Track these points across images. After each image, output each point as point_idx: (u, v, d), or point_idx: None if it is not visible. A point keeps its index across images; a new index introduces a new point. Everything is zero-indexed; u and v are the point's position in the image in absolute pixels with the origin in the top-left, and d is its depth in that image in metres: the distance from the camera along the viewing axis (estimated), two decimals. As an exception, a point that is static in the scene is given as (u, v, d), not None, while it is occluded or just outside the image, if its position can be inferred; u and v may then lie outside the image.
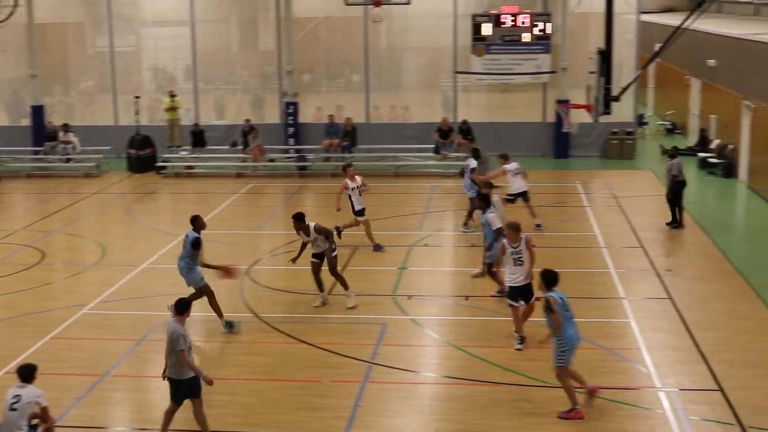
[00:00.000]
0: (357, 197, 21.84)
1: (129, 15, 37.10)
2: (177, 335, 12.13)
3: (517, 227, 15.79)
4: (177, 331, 12.16)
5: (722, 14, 43.65)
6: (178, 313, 12.50)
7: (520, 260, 15.57)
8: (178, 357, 12.15)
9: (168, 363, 12.36)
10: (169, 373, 12.40)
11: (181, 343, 12.11)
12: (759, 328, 16.41)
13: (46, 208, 27.67)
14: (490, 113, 35.47)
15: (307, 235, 17.97)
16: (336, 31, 36.33)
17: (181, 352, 12.10)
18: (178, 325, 12.30)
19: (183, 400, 12.55)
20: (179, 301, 12.66)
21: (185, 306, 12.60)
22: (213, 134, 34.52)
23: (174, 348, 12.15)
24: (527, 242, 15.62)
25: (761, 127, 27.01)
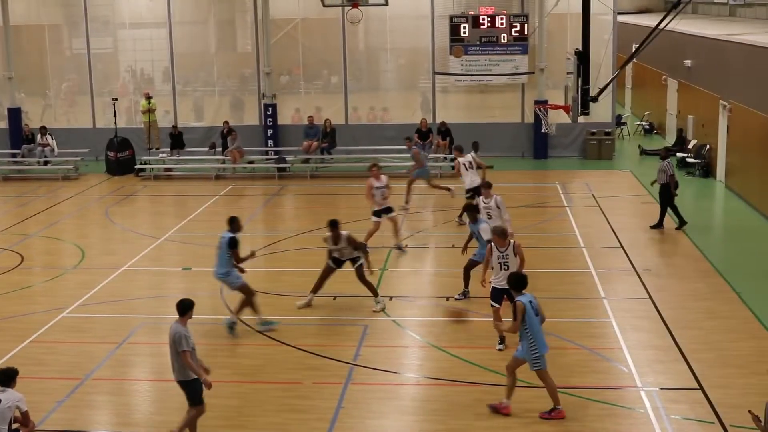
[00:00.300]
0: (380, 198, 21.66)
1: (106, 17, 36.94)
2: (179, 336, 12.02)
3: (503, 232, 15.83)
4: (179, 332, 12.06)
5: (698, 15, 43.92)
6: (180, 314, 12.36)
7: (506, 265, 15.59)
8: (181, 358, 12.03)
9: (174, 366, 12.23)
10: (177, 377, 12.26)
11: (183, 343, 12.00)
12: (738, 327, 16.51)
13: (23, 211, 27.52)
14: (468, 114, 35.57)
15: (335, 243, 17.69)
16: (314, 32, 36.31)
17: (184, 353, 11.99)
18: (179, 326, 12.19)
19: (202, 399, 12.37)
20: (181, 302, 12.51)
21: (187, 307, 12.45)
22: (192, 136, 34.47)
23: (176, 349, 12.04)
24: (515, 247, 15.63)
25: (738, 127, 27.20)
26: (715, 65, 30.04)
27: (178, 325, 12.21)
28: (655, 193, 24.21)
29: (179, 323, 12.25)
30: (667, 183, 23.18)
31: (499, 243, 15.64)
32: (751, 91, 26.00)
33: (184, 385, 12.29)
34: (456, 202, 24.85)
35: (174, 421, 13.29)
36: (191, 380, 12.19)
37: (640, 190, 28.22)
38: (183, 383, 12.29)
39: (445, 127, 31.94)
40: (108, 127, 33.74)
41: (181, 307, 12.43)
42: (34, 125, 34.47)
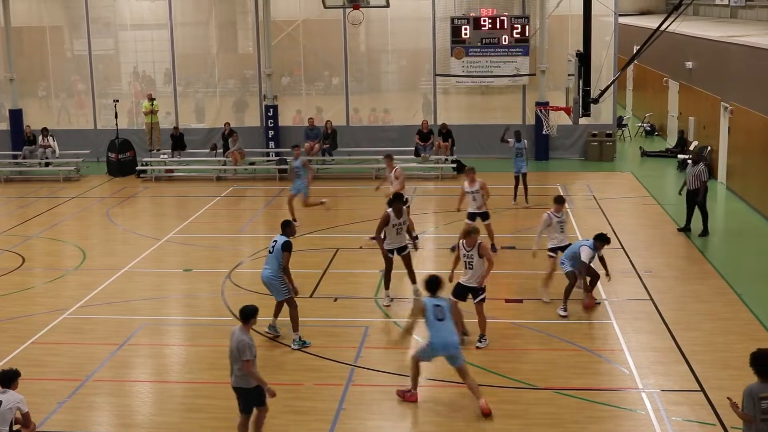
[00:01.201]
0: (471, 201, 21.62)
1: (107, 18, 36.95)
2: (243, 345, 11.76)
3: (474, 231, 16.07)
4: (243, 341, 11.79)
5: (699, 16, 43.91)
6: (243, 321, 12.09)
7: (470, 264, 15.80)
8: (243, 366, 11.84)
9: (234, 372, 12.05)
10: (236, 383, 12.08)
11: (247, 352, 11.75)
12: (739, 329, 16.50)
13: (25, 213, 27.52)
14: (469, 116, 35.54)
15: (398, 216, 18.02)
16: (315, 33, 36.32)
17: (247, 362, 11.77)
18: (243, 333, 11.94)
19: (252, 409, 12.28)
20: (244, 309, 12.19)
21: (250, 314, 12.13)
22: (193, 138, 34.48)
23: (240, 358, 11.81)
24: (480, 248, 15.73)
25: (739, 128, 27.20)
26: (717, 67, 30.04)
27: (241, 333, 11.95)
28: (666, 197, 24.18)
29: (242, 331, 11.98)
30: (697, 189, 22.83)
31: (467, 242, 15.82)
32: (752, 92, 25.99)
33: (242, 392, 12.08)
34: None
35: (174, 421, 13.34)
36: (251, 388, 12.00)
37: (642, 191, 28.21)
38: (241, 390, 12.08)
39: (446, 129, 31.93)
40: (109, 129, 33.75)
41: (243, 314, 12.13)
42: (35, 127, 34.43)
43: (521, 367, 14.90)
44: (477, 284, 15.84)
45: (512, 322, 17.09)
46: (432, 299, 13.61)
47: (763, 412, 10.07)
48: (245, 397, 12.15)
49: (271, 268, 16.10)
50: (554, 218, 18.29)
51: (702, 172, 22.82)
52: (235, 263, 21.36)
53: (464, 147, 32.86)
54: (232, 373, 12.10)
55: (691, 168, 23.17)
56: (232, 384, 12.14)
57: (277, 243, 16.19)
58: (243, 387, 12.06)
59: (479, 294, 15.88)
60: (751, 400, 10.14)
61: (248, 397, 12.14)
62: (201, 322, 17.54)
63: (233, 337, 12.00)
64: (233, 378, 12.08)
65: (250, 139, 33.98)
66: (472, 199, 21.54)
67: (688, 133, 33.63)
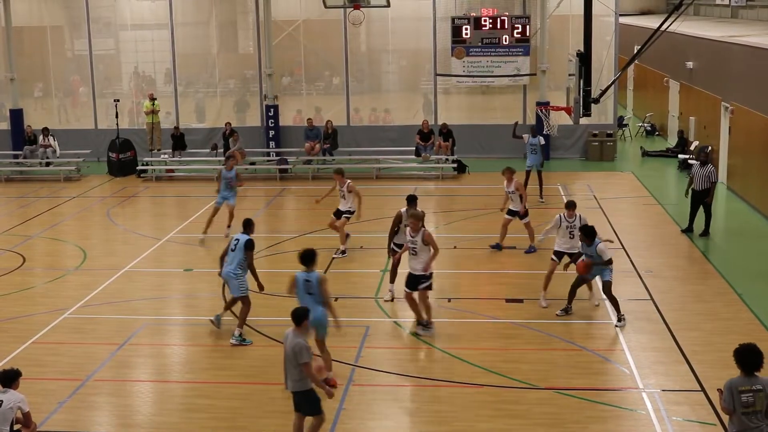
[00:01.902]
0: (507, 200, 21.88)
1: (108, 18, 36.96)
2: (300, 348, 11.59)
3: (418, 216, 16.33)
4: (299, 344, 11.61)
5: (700, 16, 43.92)
6: (296, 324, 11.84)
7: (414, 251, 16.13)
8: (303, 369, 11.67)
9: (291, 376, 11.83)
10: (293, 387, 11.90)
11: (305, 355, 11.60)
12: (740, 329, 16.48)
13: (25, 212, 27.52)
14: (470, 115, 35.53)
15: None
16: (315, 33, 36.31)
17: (306, 365, 11.61)
18: (298, 336, 11.75)
19: (321, 407, 12.03)
20: (296, 312, 11.94)
21: (303, 315, 11.91)
22: (193, 137, 34.48)
23: (297, 361, 11.62)
24: (424, 236, 16.00)
25: (739, 128, 27.20)
26: (717, 67, 30.04)
27: (295, 336, 11.76)
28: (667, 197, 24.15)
29: (296, 334, 11.79)
30: (706, 189, 22.75)
31: (413, 228, 16.16)
32: (752, 92, 25.99)
33: (300, 395, 11.92)
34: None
35: (175, 421, 13.35)
36: (308, 390, 11.84)
37: (642, 191, 28.21)
38: (299, 393, 11.91)
39: (446, 129, 31.93)
40: (110, 129, 33.76)
41: (296, 316, 11.88)
42: (35, 127, 34.43)
43: (522, 367, 14.91)
44: (422, 271, 16.10)
45: (513, 322, 17.09)
46: (303, 273, 14.17)
47: (744, 405, 10.20)
48: (306, 399, 11.93)
49: (231, 265, 16.37)
50: (564, 221, 18.11)
51: (712, 173, 22.82)
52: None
53: (465, 147, 32.86)
54: (287, 378, 11.89)
55: (699, 168, 23.10)
56: (289, 388, 11.92)
57: (240, 241, 16.47)
58: (302, 390, 11.86)
59: (422, 282, 16.18)
60: (730, 394, 10.25)
61: (311, 398, 11.92)
62: (201, 322, 17.52)
63: (287, 340, 11.81)
64: (289, 382, 11.87)
65: (251, 139, 34.01)
66: (510, 199, 21.82)
67: (689, 133, 33.62)
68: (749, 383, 10.25)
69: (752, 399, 10.19)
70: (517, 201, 21.67)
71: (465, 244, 22.40)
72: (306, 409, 12.01)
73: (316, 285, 14.06)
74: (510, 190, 21.64)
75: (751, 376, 10.30)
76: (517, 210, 21.73)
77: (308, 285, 14.10)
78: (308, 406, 11.97)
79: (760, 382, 10.27)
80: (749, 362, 10.32)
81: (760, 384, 10.25)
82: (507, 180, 21.69)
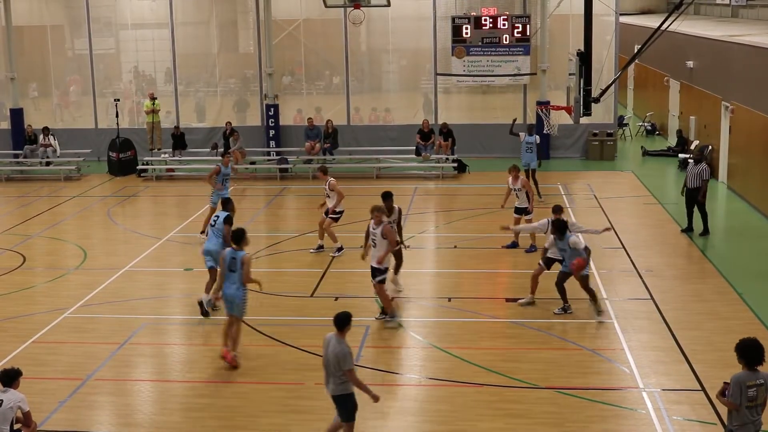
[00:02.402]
0: (514, 198, 21.95)
1: (108, 18, 36.98)
2: (343, 354, 11.46)
3: (380, 209, 16.78)
4: (342, 350, 11.47)
5: (700, 16, 43.92)
6: (338, 329, 11.68)
7: (374, 242, 16.52)
8: (346, 375, 11.55)
9: (332, 381, 11.67)
10: (334, 392, 11.72)
11: (349, 361, 11.48)
12: (740, 328, 16.44)
13: (26, 212, 27.52)
14: (470, 115, 35.57)
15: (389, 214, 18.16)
16: (316, 33, 36.32)
17: (350, 371, 11.52)
18: (340, 342, 11.58)
19: (355, 414, 11.89)
20: (339, 316, 11.77)
21: (345, 321, 11.76)
22: (194, 137, 34.50)
23: (341, 367, 11.49)
24: (383, 230, 16.46)
25: (739, 128, 27.19)
26: (718, 66, 30.03)
27: (338, 342, 11.58)
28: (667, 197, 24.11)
29: (339, 339, 11.61)
30: (698, 187, 22.72)
31: (376, 220, 16.63)
32: (753, 92, 25.99)
33: (340, 399, 11.77)
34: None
35: (175, 420, 13.35)
36: (348, 395, 11.72)
37: (642, 191, 28.21)
38: (340, 398, 11.76)
39: (446, 128, 31.93)
40: (110, 128, 33.76)
41: (339, 321, 11.72)
42: (35, 126, 34.44)
43: (522, 367, 14.90)
44: (377, 264, 16.51)
45: (513, 321, 17.09)
46: (232, 251, 15.20)
47: (749, 399, 10.33)
48: (345, 404, 11.79)
49: (216, 242, 17.48)
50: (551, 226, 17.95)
51: (704, 171, 22.77)
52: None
53: (465, 146, 32.86)
54: (328, 382, 11.75)
55: (692, 167, 23.13)
56: (331, 393, 11.77)
57: (219, 218, 17.63)
58: (342, 395, 11.72)
59: (376, 275, 16.57)
60: (738, 389, 10.32)
61: (349, 403, 11.78)
62: (201, 321, 17.52)
63: (329, 345, 11.65)
64: (331, 386, 11.72)
65: (251, 138, 34.01)
66: (515, 196, 21.83)
67: (689, 133, 33.62)
68: (754, 378, 10.37)
69: (755, 393, 10.33)
70: (524, 198, 21.69)
71: (465, 244, 22.40)
72: (341, 413, 11.89)
73: (240, 264, 14.92)
74: (516, 187, 21.66)
75: (755, 371, 10.40)
76: (525, 207, 21.72)
77: (233, 262, 15.05)
78: (344, 411, 11.84)
79: (762, 376, 10.40)
80: (752, 357, 10.42)
81: (762, 378, 10.38)
82: (513, 177, 21.73)
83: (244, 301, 15.25)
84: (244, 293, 15.18)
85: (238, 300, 15.14)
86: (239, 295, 15.13)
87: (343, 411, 11.85)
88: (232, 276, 15.07)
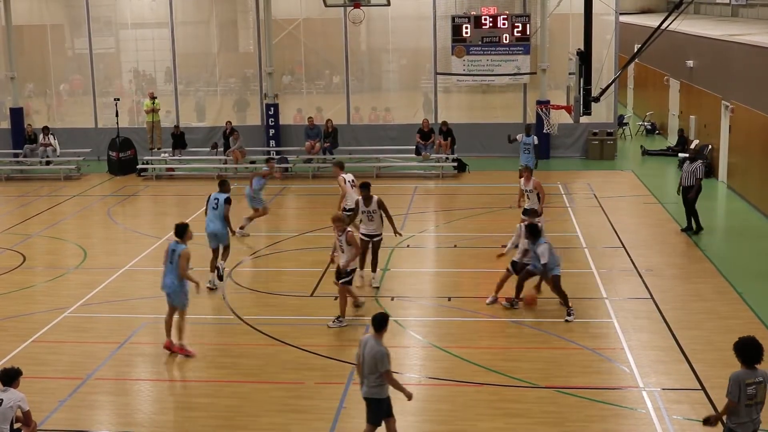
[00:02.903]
0: (526, 199, 21.88)
1: (108, 17, 36.98)
2: (381, 355, 11.42)
3: (340, 218, 17.37)
4: (380, 351, 11.43)
5: (700, 15, 43.92)
6: (376, 330, 11.64)
7: (342, 249, 17.10)
8: (383, 377, 11.49)
9: (367, 382, 11.60)
10: (368, 394, 11.64)
11: (386, 362, 11.44)
12: (740, 328, 16.43)
13: (26, 211, 27.53)
14: (470, 114, 35.58)
15: (366, 204, 19.08)
16: (316, 32, 36.33)
17: (388, 372, 11.48)
18: (378, 344, 11.53)
19: (381, 420, 11.83)
20: (377, 317, 11.74)
21: (384, 322, 11.71)
22: (193, 136, 34.49)
23: (378, 368, 11.43)
24: (347, 236, 16.95)
25: (739, 127, 27.19)
26: (717, 66, 30.03)
27: (376, 343, 11.53)
28: (667, 196, 24.06)
29: (376, 340, 11.56)
30: (691, 186, 22.77)
31: (336, 228, 17.12)
32: (753, 91, 25.99)
33: (373, 402, 11.68)
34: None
35: (175, 420, 13.34)
36: (381, 399, 11.66)
37: (642, 190, 28.22)
38: (373, 401, 11.68)
39: (446, 127, 31.94)
40: (110, 127, 33.76)
41: (377, 323, 11.69)
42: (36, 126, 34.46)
43: (522, 366, 14.90)
44: (342, 268, 17.12)
45: (513, 321, 17.09)
46: (174, 243, 15.78)
47: (749, 397, 10.36)
48: (376, 407, 11.72)
49: (218, 222, 19.33)
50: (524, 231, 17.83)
51: (698, 170, 22.77)
52: (236, 262, 21.34)
53: (465, 146, 32.86)
54: (363, 384, 11.69)
55: (688, 165, 23.14)
56: (364, 395, 11.69)
57: (220, 200, 19.37)
58: (375, 398, 11.65)
59: (341, 277, 17.14)
60: (738, 387, 10.34)
61: (379, 408, 11.73)
62: (202, 320, 17.54)
63: (366, 346, 11.59)
64: (365, 389, 11.66)
65: (251, 137, 34.01)
66: (526, 197, 21.78)
67: (689, 132, 33.61)
68: (753, 376, 10.39)
69: (755, 391, 10.36)
70: (534, 200, 21.41)
71: (465, 243, 22.40)
72: (370, 415, 11.78)
73: (177, 257, 15.49)
74: (528, 188, 21.51)
75: (753, 369, 10.42)
76: (534, 209, 21.55)
77: (173, 254, 15.61)
78: (373, 413, 11.76)
79: (761, 374, 10.43)
80: (751, 355, 10.44)
81: (761, 376, 10.41)
82: (525, 179, 21.58)
83: (185, 293, 15.69)
84: (182, 285, 15.63)
85: (176, 291, 15.63)
86: (177, 287, 15.60)
87: (373, 413, 11.75)
88: (171, 268, 15.60)
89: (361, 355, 11.67)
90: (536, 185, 21.49)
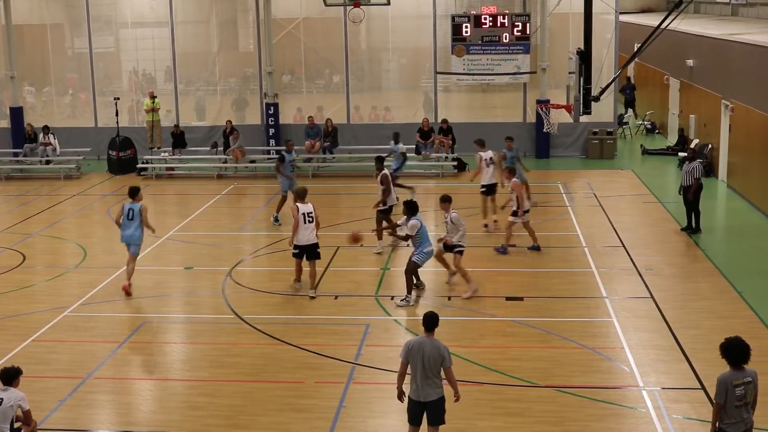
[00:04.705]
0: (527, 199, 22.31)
1: (108, 16, 36.99)
2: (447, 351, 11.32)
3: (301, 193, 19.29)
4: (444, 347, 11.32)
5: (700, 14, 43.91)
6: (428, 330, 11.46)
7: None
8: (447, 373, 11.40)
9: (431, 384, 11.35)
10: (428, 396, 11.38)
11: (449, 357, 11.37)
12: (740, 327, 16.45)
13: (26, 211, 27.53)
14: (470, 114, 35.57)
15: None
16: (316, 31, 36.33)
17: (449, 369, 11.38)
18: (436, 341, 11.37)
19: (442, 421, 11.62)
20: (428, 317, 11.54)
21: (435, 320, 11.53)
22: (193, 136, 34.49)
23: (443, 365, 11.29)
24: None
25: (739, 126, 27.19)
26: (717, 65, 30.03)
27: (433, 341, 11.36)
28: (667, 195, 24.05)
29: (432, 339, 11.39)
30: (690, 185, 22.74)
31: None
32: (753, 90, 25.98)
33: (439, 403, 11.47)
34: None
35: (175, 419, 13.35)
36: (443, 398, 11.49)
37: (642, 189, 28.21)
38: (438, 402, 11.44)
39: (446, 125, 31.95)
40: (110, 127, 33.76)
41: (429, 321, 11.48)
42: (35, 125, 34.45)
43: (522, 365, 14.91)
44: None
45: (513, 320, 17.09)
46: (129, 204, 18.82)
47: (738, 398, 10.37)
48: (442, 408, 11.56)
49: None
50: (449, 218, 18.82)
51: (695, 169, 22.74)
52: (236, 261, 21.36)
53: (465, 145, 32.78)
54: (421, 389, 11.37)
55: (686, 165, 23.14)
56: (426, 399, 11.40)
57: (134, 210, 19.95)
58: (440, 398, 11.47)
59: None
60: (725, 388, 10.37)
61: (443, 407, 11.56)
62: (202, 320, 17.56)
63: (423, 348, 11.29)
64: (425, 392, 11.38)
65: (251, 137, 34.01)
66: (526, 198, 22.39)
67: (689, 131, 33.61)
68: (741, 376, 10.42)
69: (743, 391, 10.37)
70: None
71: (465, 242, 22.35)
72: (436, 418, 11.56)
73: (138, 213, 18.69)
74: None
75: (741, 369, 10.44)
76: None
77: (131, 212, 18.73)
78: (440, 414, 11.56)
79: (749, 374, 10.46)
80: (738, 355, 10.48)
81: (749, 376, 10.44)
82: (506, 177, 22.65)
83: (141, 240, 18.96)
84: (141, 234, 18.86)
85: (135, 239, 18.82)
86: (137, 235, 18.79)
87: (439, 415, 11.56)
88: (129, 223, 18.74)
89: (419, 359, 11.29)
90: (514, 186, 21.65)
